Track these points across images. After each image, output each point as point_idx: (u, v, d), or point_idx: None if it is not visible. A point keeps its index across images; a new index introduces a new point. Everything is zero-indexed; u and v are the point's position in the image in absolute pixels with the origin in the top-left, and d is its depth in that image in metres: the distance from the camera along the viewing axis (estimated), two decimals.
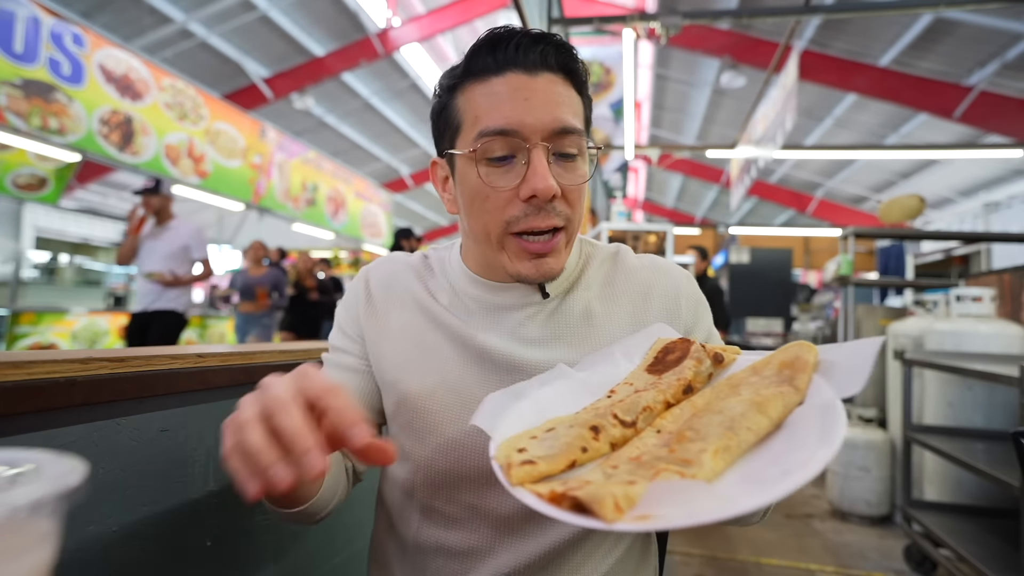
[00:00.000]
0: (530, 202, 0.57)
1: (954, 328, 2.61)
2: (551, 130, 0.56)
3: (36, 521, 0.25)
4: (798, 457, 0.33)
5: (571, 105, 0.58)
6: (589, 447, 0.39)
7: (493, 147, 0.57)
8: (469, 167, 0.58)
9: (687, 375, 0.47)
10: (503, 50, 0.57)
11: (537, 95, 0.56)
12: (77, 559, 0.57)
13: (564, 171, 0.58)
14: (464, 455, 0.62)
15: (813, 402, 0.38)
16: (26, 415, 0.54)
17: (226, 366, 0.76)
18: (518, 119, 0.55)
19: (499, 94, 0.56)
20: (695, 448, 0.35)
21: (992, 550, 1.94)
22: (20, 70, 3.38)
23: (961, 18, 4.75)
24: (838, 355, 0.42)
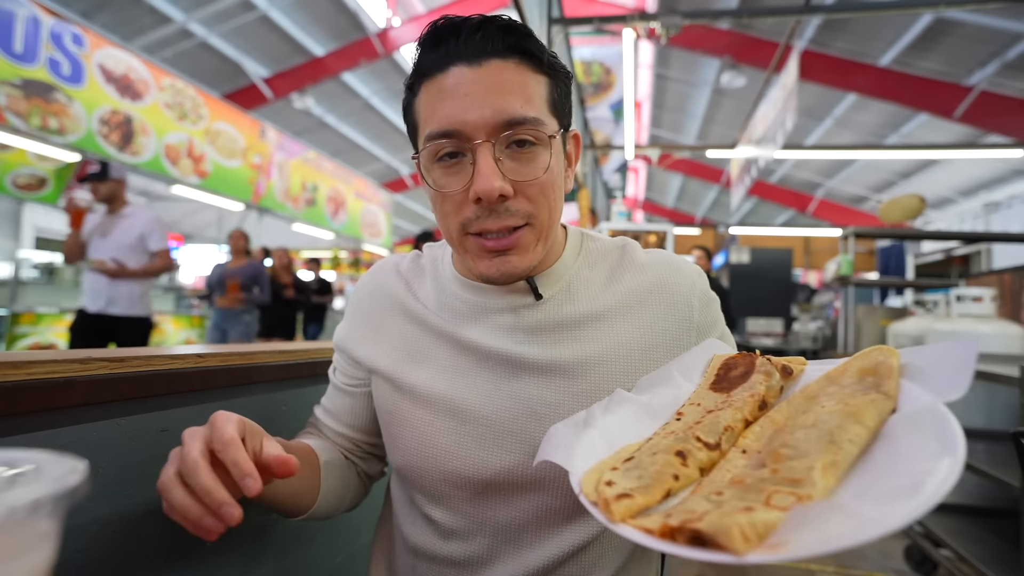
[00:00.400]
0: (480, 204, 0.53)
1: (954, 328, 2.61)
2: (493, 124, 0.51)
3: (36, 521, 0.25)
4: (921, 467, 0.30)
5: (521, 91, 0.53)
6: (680, 474, 0.38)
7: (439, 148, 0.54)
8: (425, 172, 0.57)
9: (760, 390, 0.45)
10: (444, 44, 0.53)
11: (478, 88, 0.52)
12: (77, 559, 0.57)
13: (519, 165, 0.53)
14: (459, 465, 0.60)
15: (912, 408, 0.36)
16: (26, 415, 0.54)
17: (226, 366, 0.76)
18: (459, 118, 0.52)
19: (443, 92, 0.53)
20: (800, 466, 0.33)
21: (992, 550, 1.93)
22: (20, 70, 3.38)
23: (961, 18, 4.75)
24: (922, 359, 0.40)
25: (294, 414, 0.86)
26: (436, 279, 0.67)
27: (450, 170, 0.54)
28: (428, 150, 0.54)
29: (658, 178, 12.07)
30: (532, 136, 0.53)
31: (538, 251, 0.57)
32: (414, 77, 0.56)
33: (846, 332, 3.48)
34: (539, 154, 0.54)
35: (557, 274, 0.63)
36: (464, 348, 0.62)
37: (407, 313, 0.65)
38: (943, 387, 0.36)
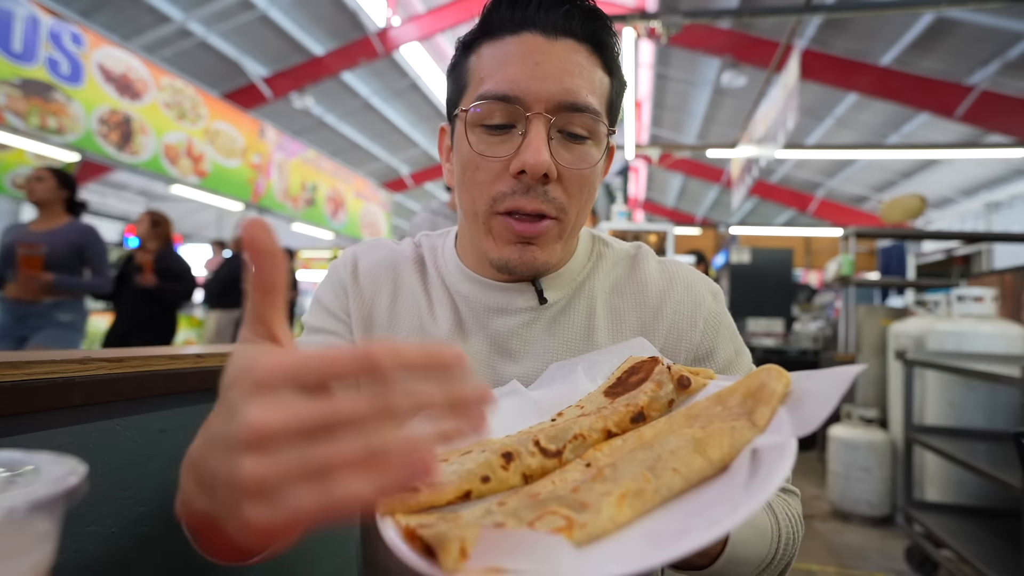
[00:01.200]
0: (520, 178, 0.50)
1: (956, 328, 2.60)
2: (558, 102, 0.49)
3: (35, 522, 0.25)
4: (714, 512, 0.27)
5: (589, 80, 0.51)
6: (493, 476, 0.34)
7: (491, 112, 0.50)
8: (465, 134, 0.52)
9: (640, 400, 0.41)
10: (523, 7, 0.50)
11: (550, 61, 0.49)
12: (76, 560, 0.56)
13: (567, 152, 0.51)
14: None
15: (761, 442, 0.31)
16: (25, 416, 0.53)
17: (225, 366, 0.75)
18: (523, 85, 0.49)
19: (509, 55, 0.50)
20: (600, 490, 0.30)
21: (994, 551, 1.93)
22: (19, 69, 3.38)
23: (962, 17, 4.74)
24: (808, 384, 0.35)
25: None
26: (437, 270, 0.63)
27: (495, 136, 0.51)
28: (478, 110, 0.50)
29: (658, 178, 12.07)
30: (589, 128, 0.51)
31: (557, 249, 0.55)
32: (476, 34, 0.53)
33: (847, 332, 3.48)
34: (589, 148, 0.52)
35: (565, 278, 0.60)
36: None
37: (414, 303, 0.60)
38: (805, 420, 0.32)
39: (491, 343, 0.58)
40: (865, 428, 3.02)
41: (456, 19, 6.67)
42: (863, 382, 3.29)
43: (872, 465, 2.94)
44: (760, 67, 5.63)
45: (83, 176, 8.02)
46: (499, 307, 0.59)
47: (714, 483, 0.31)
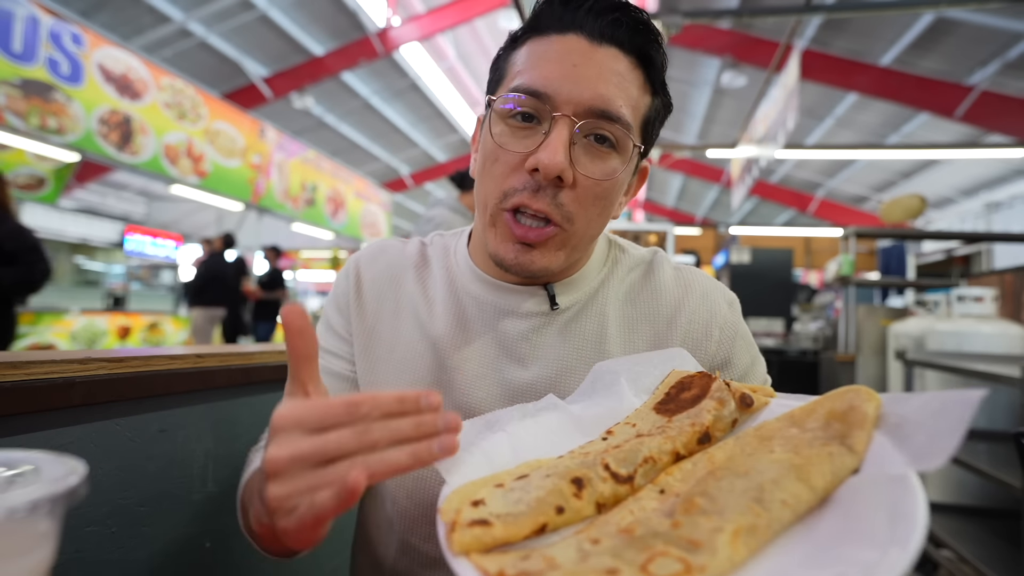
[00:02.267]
0: (533, 176, 0.49)
1: (956, 328, 2.60)
2: (587, 106, 0.48)
3: (35, 522, 0.25)
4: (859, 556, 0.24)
5: (626, 92, 0.50)
6: (567, 506, 0.31)
7: (520, 106, 0.50)
8: (491, 125, 0.52)
9: (705, 420, 0.38)
10: (573, 8, 0.50)
11: (589, 65, 0.49)
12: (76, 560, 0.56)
13: (587, 159, 0.50)
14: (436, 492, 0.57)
15: (877, 472, 0.29)
16: (25, 416, 0.53)
17: (225, 366, 0.76)
18: (555, 84, 0.48)
19: (548, 52, 0.50)
20: (708, 525, 0.27)
21: (994, 551, 1.93)
22: (19, 69, 3.38)
23: (962, 17, 4.74)
24: (909, 409, 0.32)
25: None
26: (447, 270, 0.62)
27: (519, 131, 0.51)
28: (508, 104, 0.50)
29: (658, 178, 12.07)
30: (615, 136, 0.50)
31: (560, 257, 0.53)
32: (525, 30, 0.53)
33: (847, 332, 3.48)
34: (613, 159, 0.51)
35: (578, 284, 0.59)
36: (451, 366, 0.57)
37: (414, 314, 0.60)
38: (923, 450, 0.29)
39: (499, 346, 0.57)
40: None
41: (456, 19, 6.67)
42: (863, 382, 3.29)
43: None
44: (760, 67, 5.63)
45: (83, 176, 8.03)
46: (508, 309, 0.58)
47: (822, 516, 0.28)
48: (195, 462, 0.71)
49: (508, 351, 0.57)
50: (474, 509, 0.30)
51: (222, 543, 0.75)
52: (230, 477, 0.76)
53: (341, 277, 0.64)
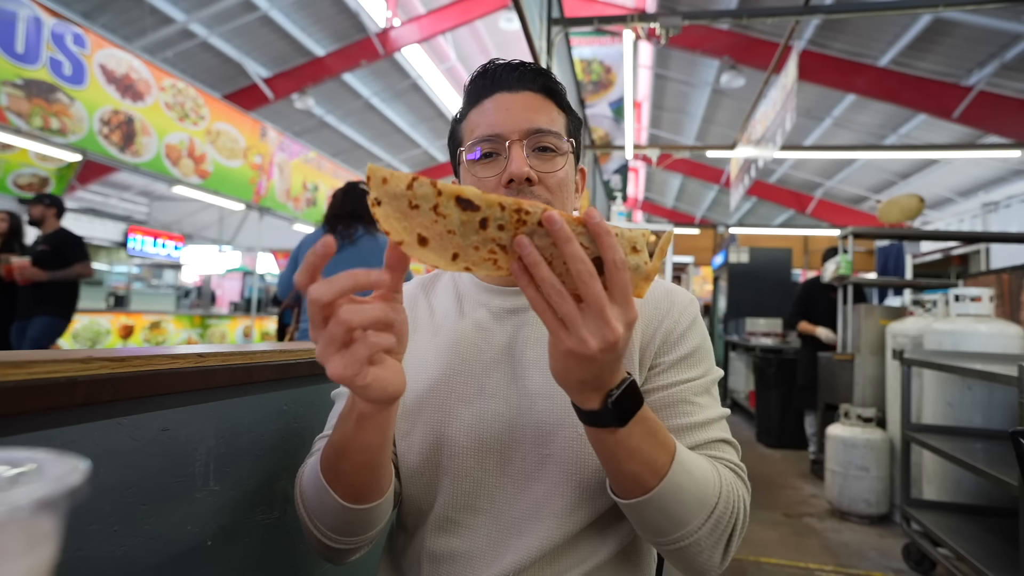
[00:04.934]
0: (510, 187, 0.64)
1: (953, 328, 2.61)
2: (526, 129, 0.66)
3: (37, 521, 0.25)
4: None
5: (548, 115, 0.68)
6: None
7: (482, 148, 0.67)
8: (467, 171, 0.68)
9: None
10: (492, 76, 0.69)
11: (516, 106, 0.67)
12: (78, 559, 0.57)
13: (540, 162, 0.66)
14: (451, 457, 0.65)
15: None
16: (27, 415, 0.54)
17: (227, 365, 0.76)
18: (500, 124, 0.66)
19: (487, 109, 0.68)
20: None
21: (991, 549, 1.94)
22: (21, 70, 3.39)
23: (960, 18, 4.75)
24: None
25: (294, 414, 0.87)
26: (454, 284, 0.77)
27: (487, 165, 0.67)
28: (473, 150, 0.67)
29: (657, 178, 12.07)
30: (553, 144, 0.67)
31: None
32: (465, 107, 0.72)
33: (845, 332, 3.49)
34: (557, 159, 0.68)
35: None
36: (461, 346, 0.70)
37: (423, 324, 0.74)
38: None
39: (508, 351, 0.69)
40: (863, 427, 3.02)
41: (456, 20, 6.68)
42: (862, 381, 3.30)
43: (870, 464, 2.94)
44: (759, 68, 5.63)
45: (85, 176, 8.04)
46: (515, 307, 0.71)
47: None
48: (197, 461, 0.72)
49: (516, 337, 0.69)
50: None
51: (224, 542, 0.75)
52: (232, 476, 0.77)
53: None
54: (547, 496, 0.64)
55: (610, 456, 0.52)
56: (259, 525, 0.81)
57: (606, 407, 0.49)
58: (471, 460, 0.65)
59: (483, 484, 0.65)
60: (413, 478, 0.68)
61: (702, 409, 0.66)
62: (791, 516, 3.07)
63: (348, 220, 2.18)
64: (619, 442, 0.50)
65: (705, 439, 0.64)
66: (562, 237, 0.42)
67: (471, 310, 0.72)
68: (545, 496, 0.64)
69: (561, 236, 0.42)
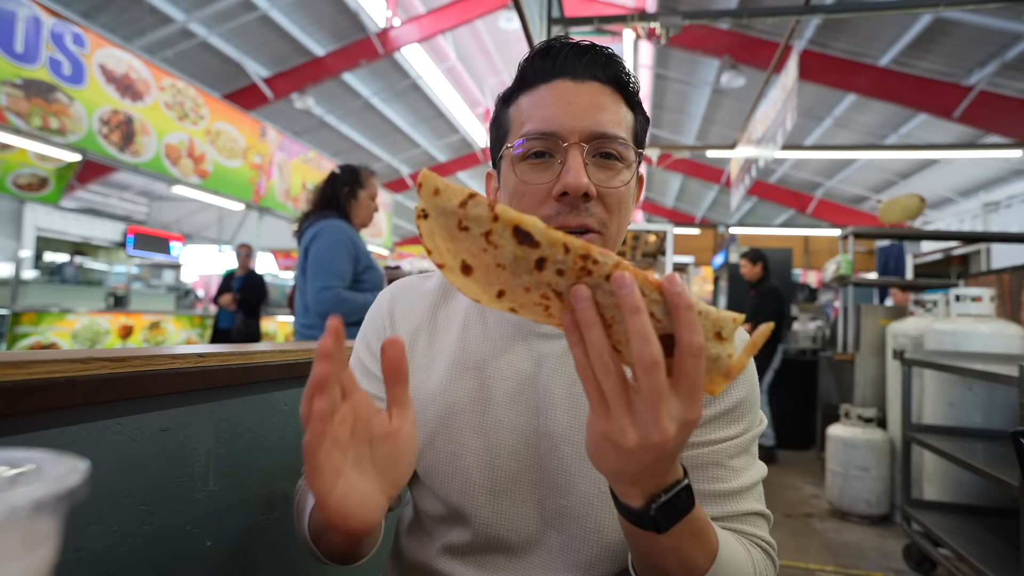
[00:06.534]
0: (562, 200, 0.55)
1: (954, 328, 2.61)
2: (590, 132, 0.56)
3: (37, 521, 0.25)
4: None
5: (615, 113, 0.58)
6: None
7: (532, 147, 0.57)
8: (510, 169, 0.59)
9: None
10: (552, 58, 0.58)
11: (580, 99, 0.57)
12: (78, 559, 0.57)
13: (601, 173, 0.57)
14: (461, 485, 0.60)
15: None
16: (26, 415, 0.54)
17: (226, 366, 0.76)
18: (559, 121, 0.56)
19: (544, 99, 0.58)
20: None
21: (992, 549, 1.94)
22: (21, 70, 3.39)
23: (961, 18, 4.74)
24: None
25: (294, 414, 0.87)
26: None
27: (537, 168, 0.57)
28: (521, 148, 0.58)
29: (658, 178, 12.06)
30: (618, 152, 0.58)
31: None
32: (515, 89, 0.61)
33: (846, 332, 3.49)
34: (621, 169, 0.58)
35: None
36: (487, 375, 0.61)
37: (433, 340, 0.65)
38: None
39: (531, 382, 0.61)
40: (864, 427, 3.02)
41: (456, 20, 6.68)
42: (862, 381, 3.30)
43: (871, 464, 2.94)
44: (759, 68, 5.63)
45: (85, 176, 8.03)
46: (539, 332, 0.62)
47: None
48: (196, 461, 0.72)
49: (540, 370, 0.61)
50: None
51: (223, 542, 0.75)
52: (231, 476, 0.77)
53: (374, 311, 0.70)
54: (564, 548, 0.58)
55: (642, 550, 0.45)
56: (259, 525, 0.81)
57: (647, 511, 0.41)
58: (481, 499, 0.59)
59: (494, 526, 0.59)
60: (424, 497, 0.64)
61: (736, 475, 0.57)
62: (791, 516, 3.07)
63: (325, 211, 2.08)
64: (656, 543, 0.43)
65: (736, 511, 0.56)
66: (629, 306, 0.34)
67: (496, 326, 0.64)
68: (562, 548, 0.58)
69: (628, 305, 0.34)
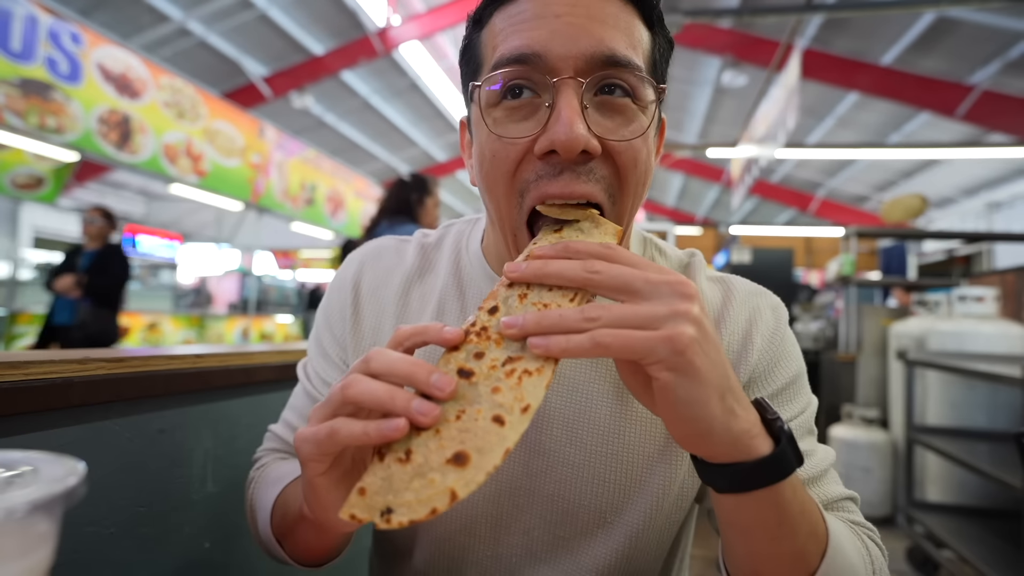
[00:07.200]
0: (548, 160, 0.40)
1: (957, 328, 2.60)
2: (588, 58, 0.39)
3: (34, 522, 0.25)
4: None
5: (626, 31, 0.41)
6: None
7: (508, 78, 0.41)
8: (480, 118, 0.43)
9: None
10: None
11: (575, 11, 0.39)
12: (75, 560, 0.56)
13: (608, 120, 0.41)
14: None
15: None
16: (23, 416, 0.53)
17: (224, 367, 0.75)
18: (543, 42, 0.39)
19: (524, 13, 0.41)
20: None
21: (995, 551, 1.93)
22: (18, 69, 3.37)
23: (963, 17, 4.74)
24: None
25: None
26: (456, 274, 0.54)
27: (516, 112, 0.41)
28: (492, 81, 0.41)
29: (659, 177, 12.07)
30: (631, 87, 0.41)
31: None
32: (485, 5, 0.45)
33: (848, 332, 3.48)
34: (636, 115, 0.41)
35: None
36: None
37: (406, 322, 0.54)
38: None
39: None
40: (866, 428, 3.01)
41: (456, 18, 6.67)
42: (864, 382, 3.29)
43: (873, 465, 2.93)
44: (761, 66, 5.62)
45: (82, 175, 8.02)
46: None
47: None
48: (194, 462, 0.71)
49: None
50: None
51: (221, 544, 0.74)
52: (229, 477, 0.76)
53: (339, 280, 0.58)
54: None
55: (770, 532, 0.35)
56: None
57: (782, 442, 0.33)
58: (456, 523, 0.50)
59: (471, 552, 0.50)
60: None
61: (809, 458, 0.47)
62: None
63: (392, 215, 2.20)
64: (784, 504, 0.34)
65: (826, 498, 0.46)
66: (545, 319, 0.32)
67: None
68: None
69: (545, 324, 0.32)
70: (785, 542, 0.35)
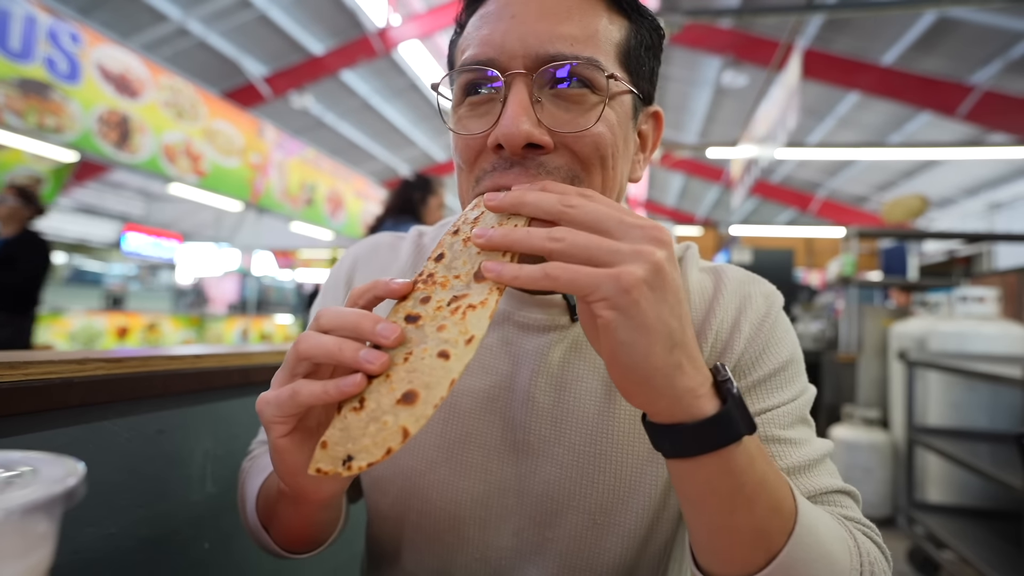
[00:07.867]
0: (501, 154, 0.42)
1: (958, 329, 2.60)
2: (535, 54, 0.40)
3: (33, 523, 0.26)
4: None
5: (583, 22, 0.42)
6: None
7: (470, 85, 0.44)
8: (454, 114, 0.46)
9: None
10: None
11: (528, 9, 0.41)
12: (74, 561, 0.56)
13: (562, 111, 0.42)
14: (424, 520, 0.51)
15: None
16: (22, 416, 0.53)
17: (223, 367, 0.75)
18: (497, 43, 0.41)
19: (487, 15, 0.43)
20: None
21: (996, 552, 1.93)
22: (17, 68, 3.37)
23: (964, 17, 4.74)
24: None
25: None
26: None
27: (476, 109, 0.44)
28: (458, 85, 0.45)
29: (659, 177, 12.06)
30: (585, 79, 0.42)
31: None
32: (466, 5, 0.47)
33: (849, 333, 3.48)
34: (591, 101, 0.42)
35: None
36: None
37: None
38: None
39: (508, 385, 0.49)
40: (866, 429, 3.01)
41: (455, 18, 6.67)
42: (865, 382, 3.29)
43: (873, 466, 2.93)
44: (761, 66, 5.62)
45: (81, 175, 8.02)
46: (519, 321, 0.50)
47: None
48: (194, 463, 0.71)
49: (519, 370, 0.49)
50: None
51: (221, 544, 0.74)
52: (229, 478, 0.75)
53: (334, 275, 0.60)
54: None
55: (723, 504, 0.34)
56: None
57: (729, 402, 0.33)
58: (443, 523, 0.50)
59: (459, 553, 0.50)
60: (379, 521, 0.55)
61: (796, 447, 0.45)
62: None
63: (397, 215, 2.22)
64: (737, 472, 0.33)
65: (813, 489, 0.44)
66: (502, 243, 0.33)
67: None
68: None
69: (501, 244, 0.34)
70: (740, 515, 0.34)
